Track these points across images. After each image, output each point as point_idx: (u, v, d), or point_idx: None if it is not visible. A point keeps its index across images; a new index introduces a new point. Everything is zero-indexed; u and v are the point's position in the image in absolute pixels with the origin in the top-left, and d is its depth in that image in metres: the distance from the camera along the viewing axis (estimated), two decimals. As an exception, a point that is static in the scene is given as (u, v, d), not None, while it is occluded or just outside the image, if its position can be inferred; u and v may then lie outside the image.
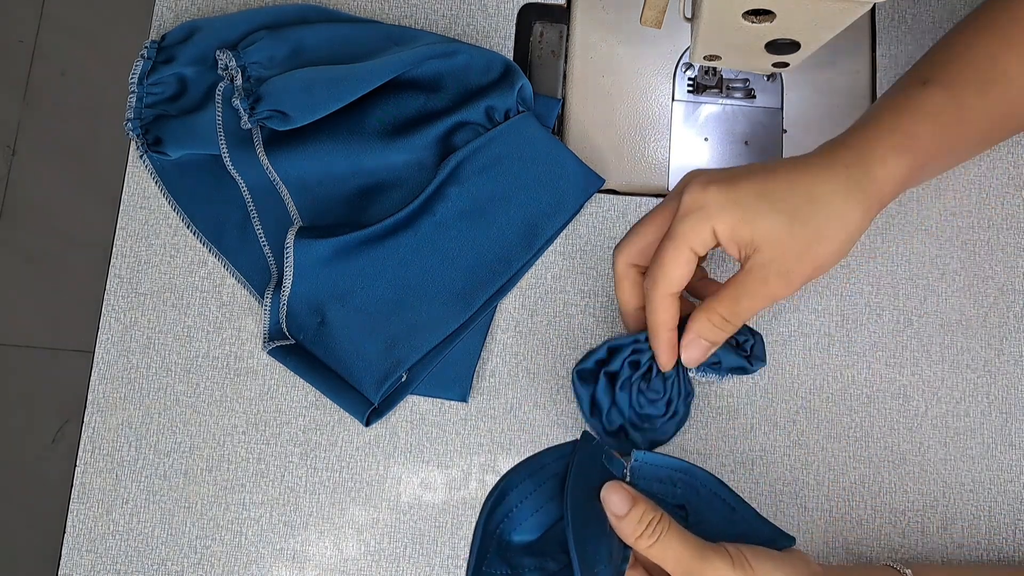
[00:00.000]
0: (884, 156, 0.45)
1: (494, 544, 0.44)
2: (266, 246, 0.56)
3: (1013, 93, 0.47)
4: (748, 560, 0.42)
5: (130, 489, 0.54)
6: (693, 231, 0.44)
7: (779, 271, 0.43)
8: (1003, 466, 0.54)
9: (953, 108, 0.46)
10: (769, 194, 0.43)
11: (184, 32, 0.57)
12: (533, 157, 0.56)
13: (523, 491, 0.45)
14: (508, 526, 0.44)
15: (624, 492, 0.42)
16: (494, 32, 0.59)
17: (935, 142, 0.46)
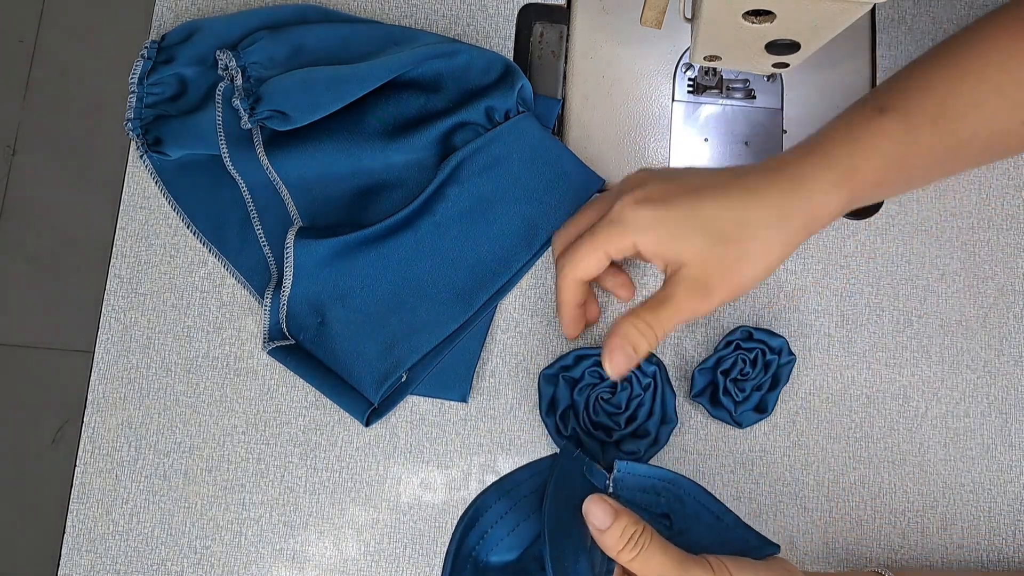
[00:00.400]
0: (824, 189, 0.45)
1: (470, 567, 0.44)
2: (266, 246, 0.56)
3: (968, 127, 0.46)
4: (729, 571, 0.42)
5: (130, 489, 0.54)
6: (611, 239, 0.46)
7: (701, 287, 0.44)
8: (1003, 467, 0.54)
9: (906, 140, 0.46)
10: (698, 215, 0.45)
11: (184, 32, 0.57)
12: (533, 157, 0.56)
13: (498, 511, 0.45)
14: (484, 548, 0.45)
15: (606, 505, 0.42)
16: (494, 32, 0.59)
17: (877, 175, 0.46)
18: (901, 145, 0.46)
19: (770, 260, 0.45)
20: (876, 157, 0.45)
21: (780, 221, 0.44)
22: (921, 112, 0.46)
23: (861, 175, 0.45)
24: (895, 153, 0.46)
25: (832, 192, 0.45)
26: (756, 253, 0.44)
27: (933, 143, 0.46)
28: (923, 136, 0.46)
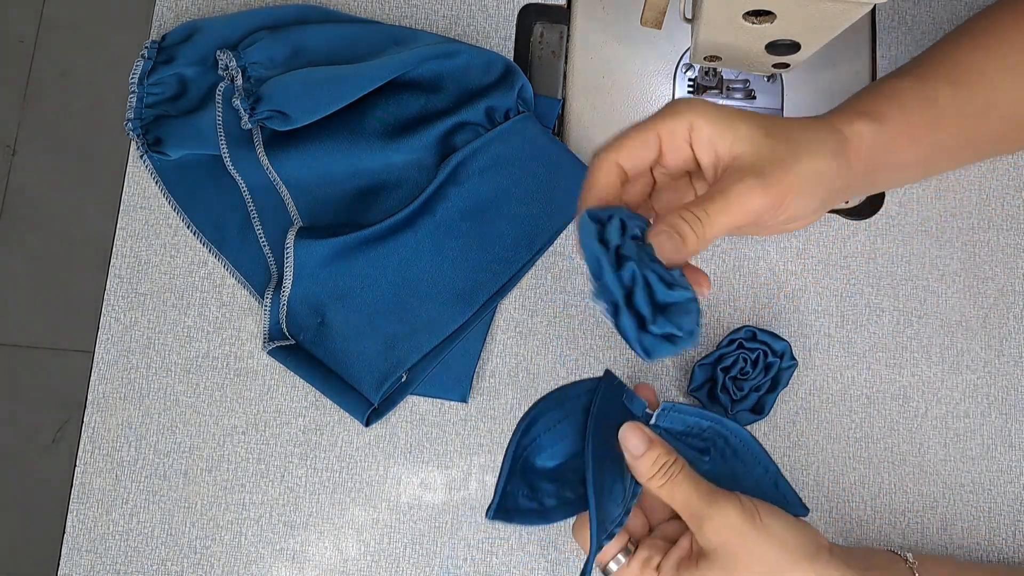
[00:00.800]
0: (848, 118, 0.45)
1: (520, 466, 0.45)
2: (266, 246, 0.56)
3: (986, 90, 0.48)
4: (759, 512, 0.42)
5: (130, 489, 0.54)
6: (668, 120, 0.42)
7: (756, 178, 0.41)
8: (1003, 467, 0.54)
9: (920, 93, 0.47)
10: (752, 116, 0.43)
11: (184, 32, 0.57)
12: (533, 157, 0.56)
13: (550, 420, 0.46)
14: (533, 451, 0.45)
15: (641, 433, 0.43)
16: (494, 32, 0.59)
17: (902, 121, 0.46)
18: (920, 100, 0.47)
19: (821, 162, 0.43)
20: (895, 100, 0.46)
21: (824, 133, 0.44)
22: (938, 76, 0.47)
23: (885, 116, 0.46)
24: (915, 105, 0.47)
25: (858, 122, 0.45)
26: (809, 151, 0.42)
27: (954, 106, 0.47)
28: (942, 95, 0.47)
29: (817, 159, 0.42)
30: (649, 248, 0.41)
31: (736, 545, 0.42)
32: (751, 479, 0.46)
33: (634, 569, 0.44)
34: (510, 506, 0.44)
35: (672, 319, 0.40)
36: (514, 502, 0.45)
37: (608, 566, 0.45)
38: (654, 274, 0.40)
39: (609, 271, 0.40)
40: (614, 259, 0.41)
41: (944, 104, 0.47)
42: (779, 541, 0.42)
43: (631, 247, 0.41)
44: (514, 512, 0.44)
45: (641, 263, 0.40)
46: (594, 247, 0.41)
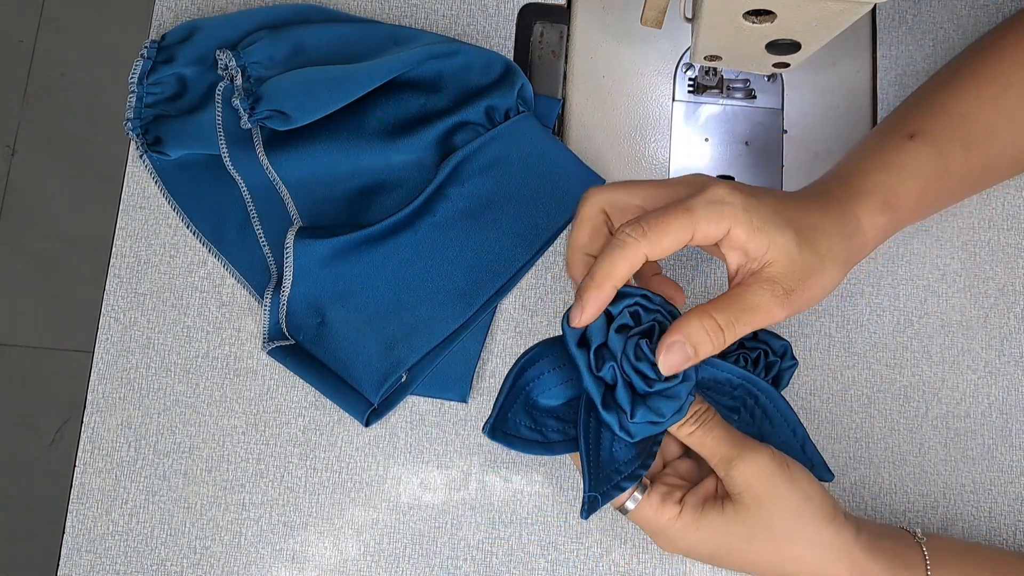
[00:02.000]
0: (872, 213, 0.46)
1: (521, 399, 0.45)
2: (266, 246, 0.56)
3: (995, 149, 0.49)
4: (789, 464, 0.43)
5: (129, 489, 0.54)
6: (710, 221, 0.41)
7: (783, 291, 0.42)
8: (1003, 467, 0.54)
9: (938, 165, 0.48)
10: (783, 212, 0.43)
11: (184, 32, 0.57)
12: (533, 157, 0.56)
13: (555, 360, 0.46)
14: (536, 388, 0.45)
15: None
16: (494, 32, 0.59)
17: (917, 199, 0.48)
18: (934, 168, 0.48)
19: (835, 276, 0.44)
20: (911, 180, 0.47)
21: (844, 237, 0.44)
22: (950, 139, 0.48)
23: (903, 201, 0.47)
24: (930, 175, 0.48)
25: (878, 216, 0.46)
26: (827, 264, 0.43)
27: (965, 166, 0.48)
28: (954, 160, 0.48)
29: (837, 270, 0.44)
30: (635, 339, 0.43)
31: (763, 489, 0.43)
32: (778, 441, 0.47)
33: (654, 502, 0.45)
34: (511, 432, 0.44)
35: (654, 408, 0.42)
36: (516, 429, 0.45)
37: (625, 505, 0.45)
38: (636, 373, 0.42)
39: (587, 375, 0.43)
40: (592, 361, 0.43)
41: (955, 170, 0.48)
42: (805, 493, 0.43)
43: (616, 341, 0.42)
44: (515, 438, 0.44)
45: (624, 358, 0.42)
46: (573, 351, 0.43)
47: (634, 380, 0.42)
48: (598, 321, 0.43)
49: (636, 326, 0.44)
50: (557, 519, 0.53)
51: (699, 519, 0.44)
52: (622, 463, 0.44)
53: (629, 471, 0.44)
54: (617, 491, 0.44)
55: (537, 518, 0.53)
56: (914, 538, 0.47)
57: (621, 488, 0.44)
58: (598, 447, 0.44)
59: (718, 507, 0.44)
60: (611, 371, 0.42)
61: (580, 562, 0.52)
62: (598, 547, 0.52)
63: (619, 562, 0.52)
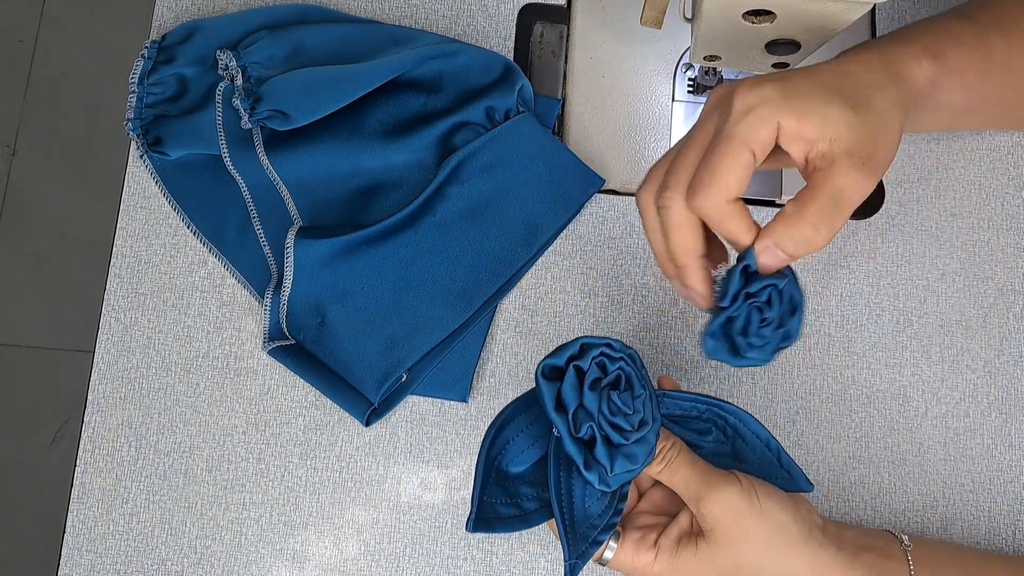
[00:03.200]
0: (916, 56, 0.43)
1: (493, 475, 0.45)
2: (266, 246, 0.56)
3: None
4: (757, 492, 0.43)
5: (130, 489, 0.54)
6: (755, 129, 0.38)
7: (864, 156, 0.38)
8: (1003, 466, 0.54)
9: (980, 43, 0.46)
10: (826, 85, 0.39)
11: (184, 32, 0.57)
12: (533, 157, 0.56)
13: (519, 425, 0.45)
14: (505, 458, 0.45)
15: None
16: (494, 32, 0.59)
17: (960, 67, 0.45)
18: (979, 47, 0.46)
19: (900, 120, 0.41)
20: (956, 44, 0.45)
21: (893, 83, 0.42)
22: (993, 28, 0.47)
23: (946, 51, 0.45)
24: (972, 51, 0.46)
25: (922, 61, 0.44)
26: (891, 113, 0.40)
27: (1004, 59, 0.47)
28: (996, 48, 0.47)
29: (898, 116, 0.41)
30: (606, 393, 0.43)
31: (731, 525, 0.42)
32: (754, 458, 0.47)
33: (629, 551, 0.44)
34: (489, 515, 0.44)
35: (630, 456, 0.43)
36: (493, 510, 0.44)
37: (603, 556, 0.45)
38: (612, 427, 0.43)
39: (568, 440, 0.43)
40: (572, 424, 0.43)
41: (996, 56, 0.47)
42: (774, 522, 0.43)
43: (591, 399, 0.43)
44: (495, 520, 0.44)
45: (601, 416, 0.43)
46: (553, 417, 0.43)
47: (611, 435, 0.43)
48: (569, 381, 0.43)
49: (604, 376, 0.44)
50: (557, 519, 0.53)
51: (675, 560, 0.43)
52: (596, 516, 0.44)
53: (603, 523, 0.44)
54: (595, 547, 0.43)
55: (537, 518, 0.53)
56: (901, 544, 0.46)
57: (599, 543, 0.44)
58: (571, 506, 0.44)
59: (692, 545, 0.43)
60: (589, 430, 0.43)
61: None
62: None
63: (619, 562, 0.52)
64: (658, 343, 0.55)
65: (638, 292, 0.56)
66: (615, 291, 0.56)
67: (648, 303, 0.56)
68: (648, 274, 0.56)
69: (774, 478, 0.46)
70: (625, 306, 0.55)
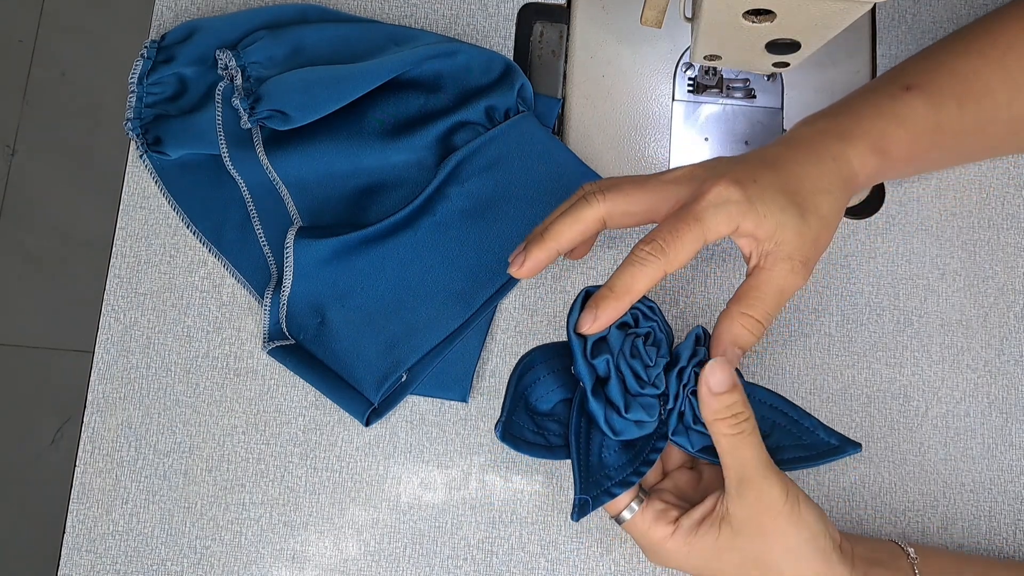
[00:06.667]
0: (863, 154, 0.46)
1: (522, 403, 0.46)
2: (266, 246, 0.56)
3: (990, 108, 0.49)
4: (800, 501, 0.43)
5: (130, 489, 0.54)
6: (719, 224, 0.43)
7: (802, 260, 0.44)
8: (1003, 466, 0.54)
9: (931, 117, 0.48)
10: (784, 189, 0.44)
11: (184, 32, 0.57)
12: (533, 157, 0.56)
13: (548, 367, 0.46)
14: (534, 392, 0.46)
15: (729, 374, 0.43)
16: (494, 32, 0.59)
17: (907, 148, 0.48)
18: (927, 121, 0.48)
19: (839, 219, 0.46)
20: (903, 129, 0.47)
21: (840, 188, 0.46)
22: (946, 92, 0.48)
23: (892, 145, 0.47)
24: (922, 128, 0.48)
25: (869, 158, 0.46)
26: (831, 219, 0.45)
27: (959, 122, 0.48)
28: (949, 114, 0.48)
29: (838, 218, 0.46)
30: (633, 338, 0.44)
31: (767, 523, 0.43)
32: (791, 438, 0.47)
33: (648, 517, 0.45)
34: (517, 434, 0.45)
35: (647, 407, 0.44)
36: (521, 433, 0.45)
37: (621, 515, 0.45)
38: (629, 370, 0.44)
39: (581, 360, 0.44)
40: (588, 349, 0.44)
41: (948, 125, 0.48)
42: (810, 532, 0.43)
43: (616, 336, 0.44)
44: (521, 442, 0.45)
45: (621, 355, 0.44)
46: (571, 336, 0.44)
47: (627, 377, 0.43)
48: None
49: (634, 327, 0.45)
50: (557, 519, 0.53)
51: (692, 541, 0.44)
52: (612, 468, 0.45)
53: (620, 477, 0.44)
54: (607, 496, 0.44)
55: (537, 518, 0.53)
56: (907, 558, 0.47)
57: (611, 494, 0.44)
58: (588, 451, 0.45)
59: (714, 529, 0.44)
60: (605, 364, 0.43)
61: (580, 561, 0.52)
62: (598, 546, 0.52)
63: (619, 561, 0.52)
64: (658, 343, 0.55)
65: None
66: (615, 291, 0.56)
67: (648, 303, 0.56)
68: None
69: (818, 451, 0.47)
70: (625, 306, 0.55)
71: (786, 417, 0.47)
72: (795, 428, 0.47)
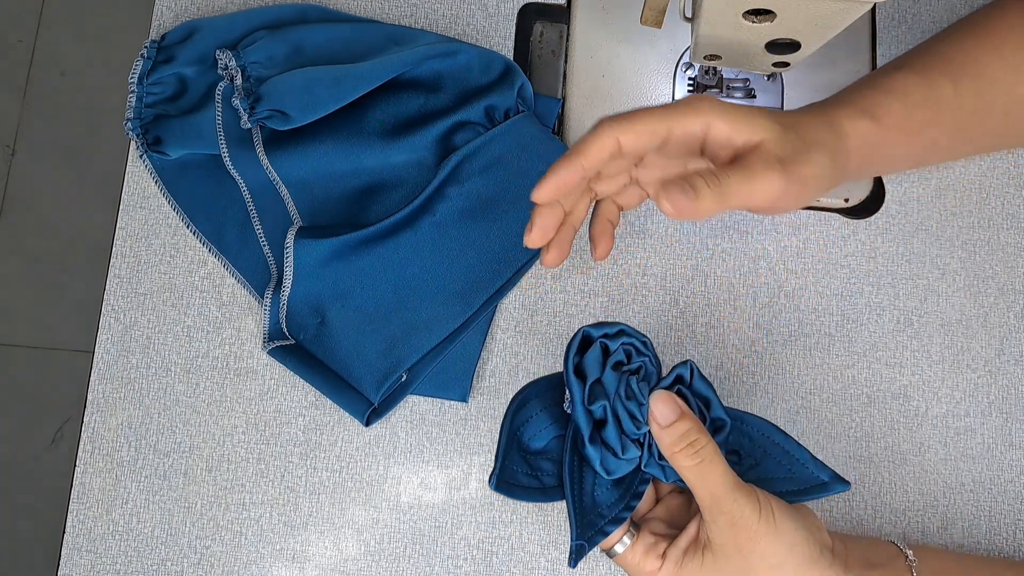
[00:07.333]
0: (852, 115, 0.46)
1: (515, 444, 0.46)
2: (266, 246, 0.56)
3: (988, 89, 0.48)
4: (774, 513, 0.43)
5: (130, 489, 0.54)
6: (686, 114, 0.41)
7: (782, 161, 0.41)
8: (1003, 466, 0.54)
9: (924, 91, 0.47)
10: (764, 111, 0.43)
11: (184, 32, 0.57)
12: (533, 157, 0.56)
13: (541, 402, 0.46)
14: (527, 431, 0.46)
15: (672, 403, 0.43)
16: (494, 32, 0.59)
17: (901, 118, 0.47)
18: (920, 95, 0.47)
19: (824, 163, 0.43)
20: (896, 100, 0.47)
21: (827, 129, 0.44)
22: (941, 72, 0.48)
23: (883, 111, 0.46)
24: (916, 99, 0.47)
25: (858, 119, 0.45)
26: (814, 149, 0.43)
27: (954, 101, 0.48)
28: (944, 92, 0.47)
29: (823, 156, 0.43)
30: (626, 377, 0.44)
31: (744, 541, 0.42)
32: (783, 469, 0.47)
33: (638, 552, 0.45)
34: (510, 480, 0.45)
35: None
36: (514, 477, 0.45)
37: (614, 549, 0.45)
38: (626, 413, 0.43)
39: (580, 408, 0.44)
40: (587, 393, 0.44)
41: (944, 103, 0.48)
42: (788, 542, 0.43)
43: (611, 378, 0.44)
44: (515, 487, 0.45)
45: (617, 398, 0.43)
46: (570, 379, 0.44)
47: (623, 420, 0.43)
48: (594, 354, 0.44)
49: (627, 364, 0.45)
50: (557, 519, 0.53)
51: (680, 571, 0.44)
52: (605, 507, 0.45)
53: (612, 515, 0.44)
54: (601, 536, 0.44)
55: (537, 518, 0.53)
56: (906, 560, 0.46)
57: (605, 533, 0.44)
58: (581, 491, 0.45)
59: (698, 557, 0.44)
60: (602, 410, 0.44)
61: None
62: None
63: (619, 562, 0.52)
64: (657, 343, 0.55)
65: (638, 292, 0.56)
66: (615, 291, 0.56)
67: (648, 303, 0.56)
68: (648, 274, 0.56)
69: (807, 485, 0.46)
70: (625, 306, 0.55)
71: (777, 448, 0.47)
72: (785, 459, 0.46)
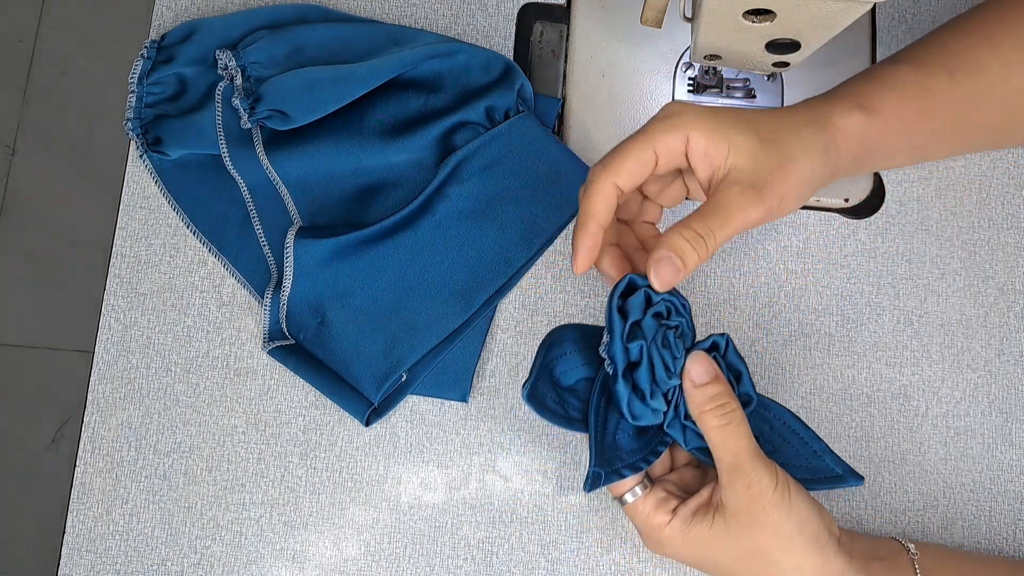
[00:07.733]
0: (844, 108, 0.46)
1: (547, 375, 0.47)
2: (266, 246, 0.56)
3: (984, 82, 0.48)
4: (790, 490, 0.43)
5: (130, 489, 0.54)
6: (665, 132, 0.42)
7: (753, 190, 0.42)
8: (1003, 466, 0.54)
9: (919, 82, 0.47)
10: (743, 119, 0.43)
11: (184, 32, 0.57)
12: (533, 157, 0.56)
13: (574, 345, 0.47)
14: (559, 365, 0.47)
15: (709, 364, 0.44)
16: (494, 32, 0.59)
17: (896, 109, 0.47)
18: (916, 86, 0.47)
19: (811, 167, 0.43)
20: (890, 91, 0.47)
21: (815, 129, 0.44)
22: (935, 63, 0.48)
23: (878, 103, 0.46)
24: (911, 91, 0.47)
25: (851, 113, 0.46)
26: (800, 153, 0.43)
27: (950, 92, 0.47)
28: (938, 83, 0.47)
29: (809, 160, 0.43)
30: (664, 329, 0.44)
31: (758, 512, 0.43)
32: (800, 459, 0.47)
33: (649, 504, 0.46)
34: (540, 398, 0.46)
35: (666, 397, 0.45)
36: (543, 398, 0.46)
37: (624, 497, 0.46)
38: (660, 360, 0.44)
39: (619, 341, 0.44)
40: (627, 331, 0.44)
41: (940, 94, 0.48)
42: (799, 521, 0.43)
43: (650, 325, 0.44)
44: (544, 408, 0.46)
45: (653, 343, 0.44)
46: (612, 315, 0.44)
47: (656, 366, 0.44)
48: (638, 299, 0.44)
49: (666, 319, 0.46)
50: (557, 519, 0.53)
51: (687, 530, 0.45)
52: (624, 451, 0.46)
53: (631, 460, 0.45)
54: (617, 476, 0.45)
55: (537, 518, 0.53)
56: (908, 554, 0.47)
57: (621, 475, 0.45)
58: (604, 430, 0.46)
59: (708, 520, 0.44)
60: (639, 349, 0.44)
61: (580, 561, 0.52)
62: (598, 546, 0.52)
63: (619, 561, 0.52)
64: (658, 343, 0.55)
65: (638, 292, 0.56)
66: (615, 291, 0.56)
67: (648, 303, 0.56)
68: (648, 274, 0.56)
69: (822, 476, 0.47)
70: (625, 306, 0.55)
71: (796, 437, 0.47)
72: (804, 449, 0.47)
